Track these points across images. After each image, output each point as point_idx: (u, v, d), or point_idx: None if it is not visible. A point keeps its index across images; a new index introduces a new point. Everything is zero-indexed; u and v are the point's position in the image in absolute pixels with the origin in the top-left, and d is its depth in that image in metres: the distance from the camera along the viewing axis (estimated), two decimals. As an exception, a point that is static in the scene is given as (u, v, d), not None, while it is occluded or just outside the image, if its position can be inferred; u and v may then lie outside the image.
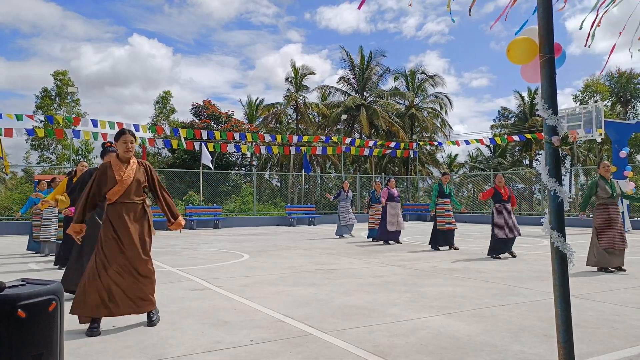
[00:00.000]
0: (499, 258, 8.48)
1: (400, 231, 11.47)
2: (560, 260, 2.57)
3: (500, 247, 8.58)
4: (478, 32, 77.95)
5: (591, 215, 8.37)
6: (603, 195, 7.08)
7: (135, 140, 4.08)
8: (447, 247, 10.04)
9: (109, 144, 4.94)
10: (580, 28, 3.09)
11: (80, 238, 4.01)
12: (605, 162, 7.33)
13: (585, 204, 7.39)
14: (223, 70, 73.43)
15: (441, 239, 10.00)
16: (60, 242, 8.14)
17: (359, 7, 3.42)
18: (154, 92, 77.11)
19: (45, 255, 9.29)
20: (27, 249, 9.81)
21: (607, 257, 6.88)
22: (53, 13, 59.93)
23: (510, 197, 8.85)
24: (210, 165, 18.83)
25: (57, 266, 7.44)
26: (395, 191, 11.66)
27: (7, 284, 2.29)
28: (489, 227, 8.98)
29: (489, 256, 8.63)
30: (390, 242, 11.48)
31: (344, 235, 13.57)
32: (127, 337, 3.66)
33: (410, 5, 3.28)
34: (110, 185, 3.90)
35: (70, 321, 4.03)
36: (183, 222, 4.24)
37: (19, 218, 11.53)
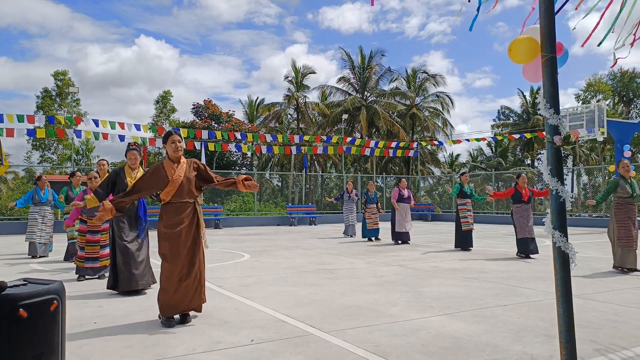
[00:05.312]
0: (530, 257, 8.41)
1: (408, 232, 11.41)
2: (562, 260, 2.56)
3: (525, 245, 8.51)
4: (481, 33, 77.91)
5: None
6: (623, 195, 6.98)
7: (182, 139, 4.20)
8: (470, 248, 9.85)
9: (132, 144, 5.42)
10: (574, 29, 3.08)
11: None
12: (625, 160, 7.16)
13: (603, 199, 7.14)
14: (225, 70, 73.57)
15: (468, 239, 9.86)
16: (73, 241, 8.07)
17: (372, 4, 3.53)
18: (159, 92, 77.19)
19: (34, 257, 8.86)
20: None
21: (626, 256, 6.82)
22: (62, 14, 60.13)
23: (530, 199, 8.74)
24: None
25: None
26: (406, 192, 11.56)
27: (8, 284, 2.29)
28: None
29: (517, 255, 8.60)
30: (398, 242, 11.42)
31: (348, 235, 13.53)
32: (127, 337, 3.66)
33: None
34: (162, 185, 4.03)
35: (72, 320, 4.03)
36: (242, 179, 4.15)
37: (12, 207, 9.92)
